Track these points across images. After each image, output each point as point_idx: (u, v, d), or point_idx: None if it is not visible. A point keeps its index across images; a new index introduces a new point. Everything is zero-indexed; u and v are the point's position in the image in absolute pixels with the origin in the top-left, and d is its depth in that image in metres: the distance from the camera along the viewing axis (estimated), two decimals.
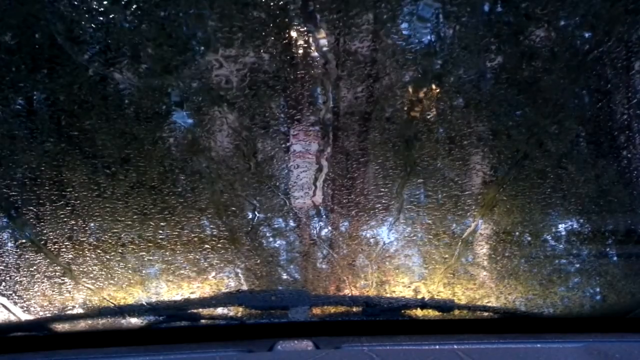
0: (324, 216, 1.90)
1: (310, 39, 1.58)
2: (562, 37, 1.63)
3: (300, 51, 1.61)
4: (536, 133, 1.70)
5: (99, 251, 1.75)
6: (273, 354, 1.44)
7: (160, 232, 1.77)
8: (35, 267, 1.74)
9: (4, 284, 1.74)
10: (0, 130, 1.59)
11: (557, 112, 1.68)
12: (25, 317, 1.75)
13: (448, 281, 1.89)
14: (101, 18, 1.48)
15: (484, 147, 1.77)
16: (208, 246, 1.81)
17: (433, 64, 1.62)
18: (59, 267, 1.75)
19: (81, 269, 1.76)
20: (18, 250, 1.75)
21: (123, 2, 1.46)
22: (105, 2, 1.46)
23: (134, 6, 1.47)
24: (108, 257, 1.76)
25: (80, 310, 1.78)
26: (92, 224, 1.74)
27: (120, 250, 1.77)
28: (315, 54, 1.60)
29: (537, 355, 1.38)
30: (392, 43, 1.61)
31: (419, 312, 1.70)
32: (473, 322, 1.74)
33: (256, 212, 1.83)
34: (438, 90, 1.68)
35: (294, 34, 1.58)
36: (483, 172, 1.80)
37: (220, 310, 1.72)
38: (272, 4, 1.51)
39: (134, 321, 1.67)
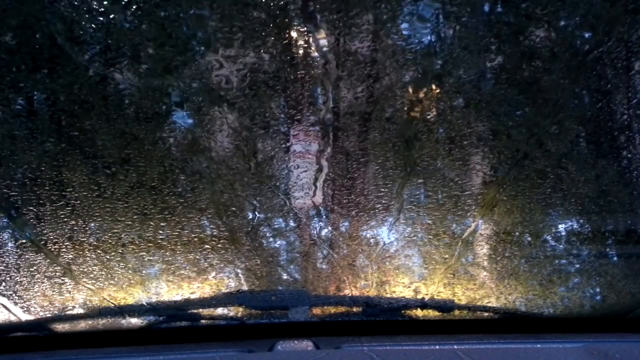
0: (324, 216, 1.90)
1: (310, 39, 1.58)
2: (562, 37, 1.63)
3: (301, 51, 1.61)
4: (536, 133, 1.70)
5: (99, 251, 1.76)
6: (273, 354, 1.44)
7: (161, 232, 1.77)
8: (35, 267, 1.74)
9: (4, 284, 1.74)
10: (1, 130, 1.59)
11: (557, 112, 1.68)
12: (25, 317, 1.75)
13: (448, 281, 1.88)
14: (101, 18, 1.48)
15: (484, 147, 1.77)
16: (208, 246, 1.81)
17: (433, 64, 1.62)
18: (59, 267, 1.75)
19: (81, 269, 1.76)
20: (18, 251, 1.75)
21: (123, 2, 1.46)
22: (105, 2, 1.46)
23: (134, 6, 1.47)
24: (108, 257, 1.76)
25: (81, 311, 1.78)
26: (92, 224, 1.74)
27: (120, 251, 1.77)
28: (315, 54, 1.60)
29: (537, 355, 1.38)
30: (392, 43, 1.61)
31: (419, 312, 1.70)
32: (473, 322, 1.74)
33: (256, 212, 1.83)
34: (438, 90, 1.68)
35: (294, 34, 1.58)
36: (483, 172, 1.80)
37: (220, 310, 1.72)
38: (272, 4, 1.51)
39: (134, 321, 1.67)
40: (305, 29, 1.56)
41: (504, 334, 1.56)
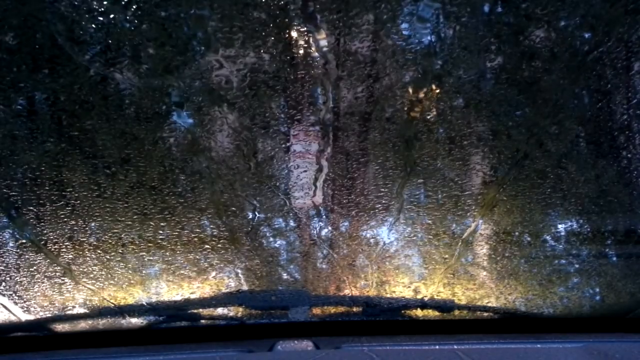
0: (324, 216, 1.90)
1: (311, 39, 1.58)
2: (562, 37, 1.63)
3: (301, 51, 1.61)
4: (536, 133, 1.70)
5: (99, 251, 1.76)
6: (273, 354, 1.44)
7: (161, 232, 1.77)
8: (35, 267, 1.74)
9: (4, 284, 1.74)
10: (1, 130, 1.60)
11: (557, 112, 1.68)
12: (25, 317, 1.75)
13: (448, 281, 1.89)
14: (102, 18, 1.48)
15: (484, 147, 1.77)
16: (208, 246, 1.81)
17: (433, 64, 1.62)
18: (59, 267, 1.75)
19: (81, 269, 1.76)
20: (18, 251, 1.75)
21: (123, 2, 1.46)
22: (105, 2, 1.46)
23: (135, 6, 1.47)
24: (108, 257, 1.76)
25: (81, 311, 1.78)
26: (92, 224, 1.74)
27: (120, 251, 1.77)
28: (316, 54, 1.60)
29: (537, 355, 1.38)
30: (392, 43, 1.61)
31: (419, 312, 1.70)
32: (473, 322, 1.75)
33: (256, 212, 1.83)
34: (438, 91, 1.68)
35: (294, 34, 1.58)
36: (483, 172, 1.80)
37: (220, 310, 1.72)
38: (272, 4, 1.51)
39: (134, 321, 1.67)
40: (305, 29, 1.56)
41: (504, 334, 1.56)
